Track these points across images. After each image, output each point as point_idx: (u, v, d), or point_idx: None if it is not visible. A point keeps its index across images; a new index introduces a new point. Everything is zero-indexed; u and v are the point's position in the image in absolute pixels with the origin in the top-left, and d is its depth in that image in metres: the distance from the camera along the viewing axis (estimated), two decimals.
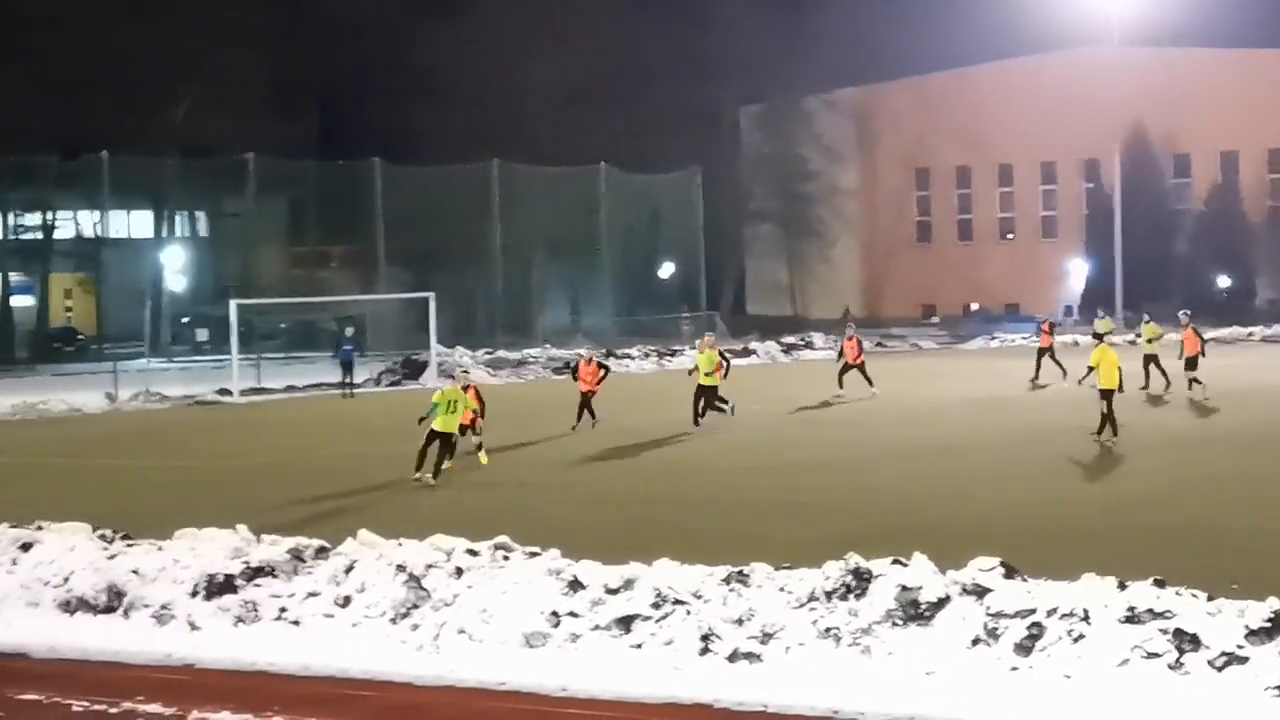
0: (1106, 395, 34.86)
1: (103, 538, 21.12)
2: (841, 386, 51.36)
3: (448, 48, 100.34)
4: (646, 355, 74.55)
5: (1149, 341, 49.63)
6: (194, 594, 18.94)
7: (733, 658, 16.05)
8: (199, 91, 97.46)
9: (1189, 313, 49.96)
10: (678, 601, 16.85)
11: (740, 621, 16.41)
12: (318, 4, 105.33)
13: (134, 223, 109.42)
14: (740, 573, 17.24)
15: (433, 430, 31.06)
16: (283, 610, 18.49)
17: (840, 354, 54.55)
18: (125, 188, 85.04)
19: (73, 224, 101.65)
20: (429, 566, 18.43)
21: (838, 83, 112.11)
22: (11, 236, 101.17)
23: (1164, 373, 47.98)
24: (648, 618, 16.79)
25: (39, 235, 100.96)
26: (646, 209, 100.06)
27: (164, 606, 18.92)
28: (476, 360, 67.96)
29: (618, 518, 26.02)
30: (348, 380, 56.89)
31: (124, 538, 21.21)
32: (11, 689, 16.78)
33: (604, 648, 16.62)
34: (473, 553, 18.77)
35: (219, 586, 18.90)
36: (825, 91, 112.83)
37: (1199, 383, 44.91)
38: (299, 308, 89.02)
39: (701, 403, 39.54)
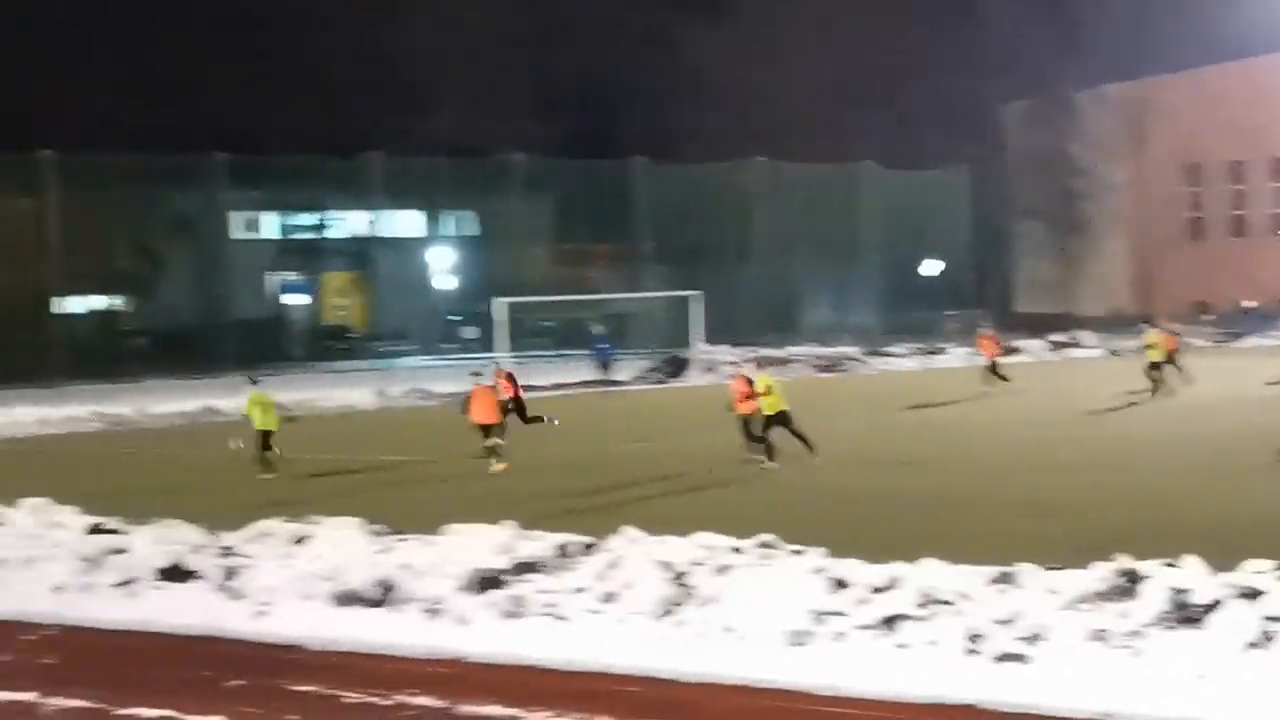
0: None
1: (374, 533, 21.51)
2: (987, 384, 51.32)
3: (711, 46, 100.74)
4: (910, 353, 74.16)
5: (1150, 349, 48.94)
6: (462, 589, 19.18)
7: (999, 658, 15.87)
8: (467, 92, 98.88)
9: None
10: (943, 601, 16.70)
11: (1007, 622, 16.22)
12: (583, 5, 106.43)
13: (405, 222, 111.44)
14: (1006, 573, 17.04)
15: (262, 431, 35.28)
16: (549, 606, 18.65)
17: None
18: (397, 187, 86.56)
19: (345, 223, 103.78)
20: (693, 564, 18.47)
21: (1107, 78, 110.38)
22: (286, 236, 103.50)
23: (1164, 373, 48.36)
24: (913, 617, 16.66)
25: (313, 235, 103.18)
26: (912, 206, 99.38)
27: (434, 601, 19.19)
28: (741, 358, 67.92)
29: (875, 516, 25.81)
30: (606, 378, 57.19)
31: (394, 533, 21.58)
32: (287, 680, 17.15)
33: (868, 647, 16.51)
34: (737, 550, 18.78)
35: (487, 582, 19.13)
36: (1094, 87, 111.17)
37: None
38: (565, 305, 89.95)
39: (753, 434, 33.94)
